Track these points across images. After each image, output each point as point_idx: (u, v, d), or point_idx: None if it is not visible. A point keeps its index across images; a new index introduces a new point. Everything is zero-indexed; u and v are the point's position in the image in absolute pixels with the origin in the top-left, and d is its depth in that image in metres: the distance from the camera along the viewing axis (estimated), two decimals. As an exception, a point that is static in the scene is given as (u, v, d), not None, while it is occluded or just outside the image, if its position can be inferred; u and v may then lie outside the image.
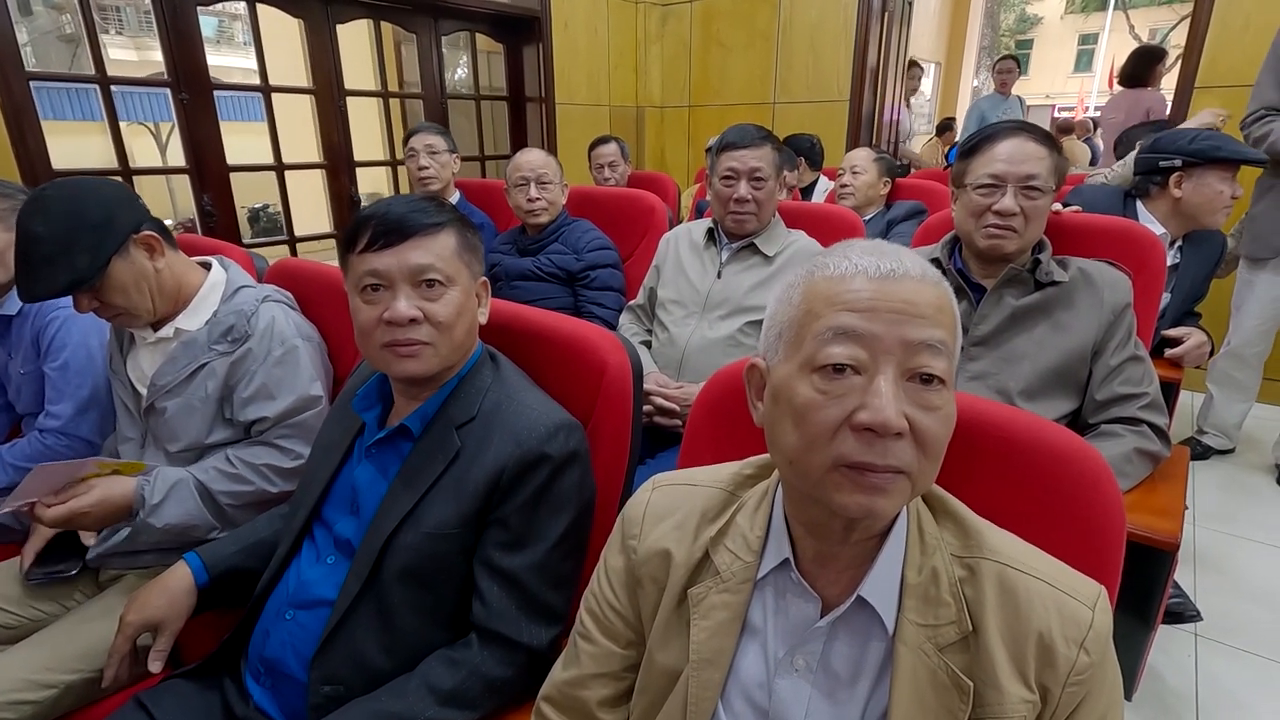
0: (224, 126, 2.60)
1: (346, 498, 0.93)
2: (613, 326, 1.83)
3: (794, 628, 0.62)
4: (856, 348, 0.52)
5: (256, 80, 2.77)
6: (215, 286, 1.17)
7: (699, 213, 2.81)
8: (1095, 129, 6.31)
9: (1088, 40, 22.57)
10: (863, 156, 2.34)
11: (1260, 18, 2.67)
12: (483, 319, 0.92)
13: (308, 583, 0.90)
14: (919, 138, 7.44)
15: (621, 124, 4.23)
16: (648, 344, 1.72)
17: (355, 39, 3.20)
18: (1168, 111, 3.18)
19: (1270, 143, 2.04)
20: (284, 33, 2.97)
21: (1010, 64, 4.80)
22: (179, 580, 0.95)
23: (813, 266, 0.58)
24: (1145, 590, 1.02)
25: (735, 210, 1.56)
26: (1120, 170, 1.94)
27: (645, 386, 1.55)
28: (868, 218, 2.31)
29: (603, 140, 2.94)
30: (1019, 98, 4.53)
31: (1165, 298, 1.75)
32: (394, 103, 3.60)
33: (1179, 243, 1.77)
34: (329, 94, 2.97)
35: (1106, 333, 1.20)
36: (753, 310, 1.55)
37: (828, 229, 1.70)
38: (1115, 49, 19.36)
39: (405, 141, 2.27)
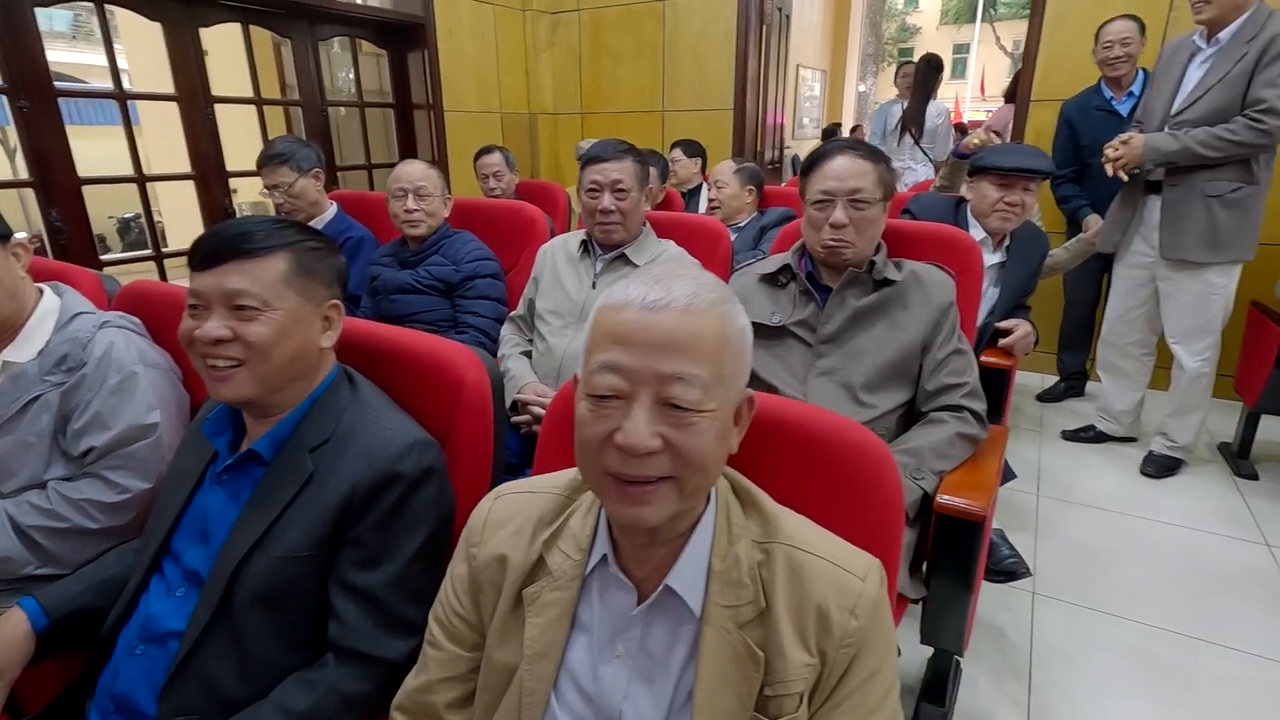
0: (84, 131, 2.44)
1: (198, 526, 0.91)
2: (488, 334, 1.86)
3: (615, 617, 0.67)
4: (618, 379, 0.59)
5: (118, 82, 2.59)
6: (47, 315, 1.11)
7: None
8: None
9: (961, 49, 24.31)
10: (725, 170, 2.45)
11: (1080, 41, 2.99)
12: (326, 342, 0.92)
13: (157, 616, 0.88)
14: (807, 141, 7.82)
15: (515, 131, 4.23)
16: (528, 354, 1.75)
17: (235, 42, 3.04)
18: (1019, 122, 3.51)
19: (1070, 208, 2.59)
20: (151, 30, 2.78)
21: (910, 69, 5.02)
22: (12, 627, 0.91)
23: (608, 293, 0.64)
24: (963, 558, 1.15)
25: (602, 221, 1.62)
26: (939, 181, 2.15)
27: (523, 396, 1.59)
28: (741, 224, 2.43)
29: (486, 150, 2.94)
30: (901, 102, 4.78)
31: (995, 293, 1.96)
32: (278, 110, 3.45)
33: (1007, 243, 1.97)
34: (195, 100, 2.82)
35: (934, 329, 1.33)
36: (626, 318, 1.61)
37: (696, 238, 1.79)
38: (985, 58, 20.99)
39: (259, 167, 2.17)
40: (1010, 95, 3.88)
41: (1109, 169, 2.23)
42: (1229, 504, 2.28)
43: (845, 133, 7.95)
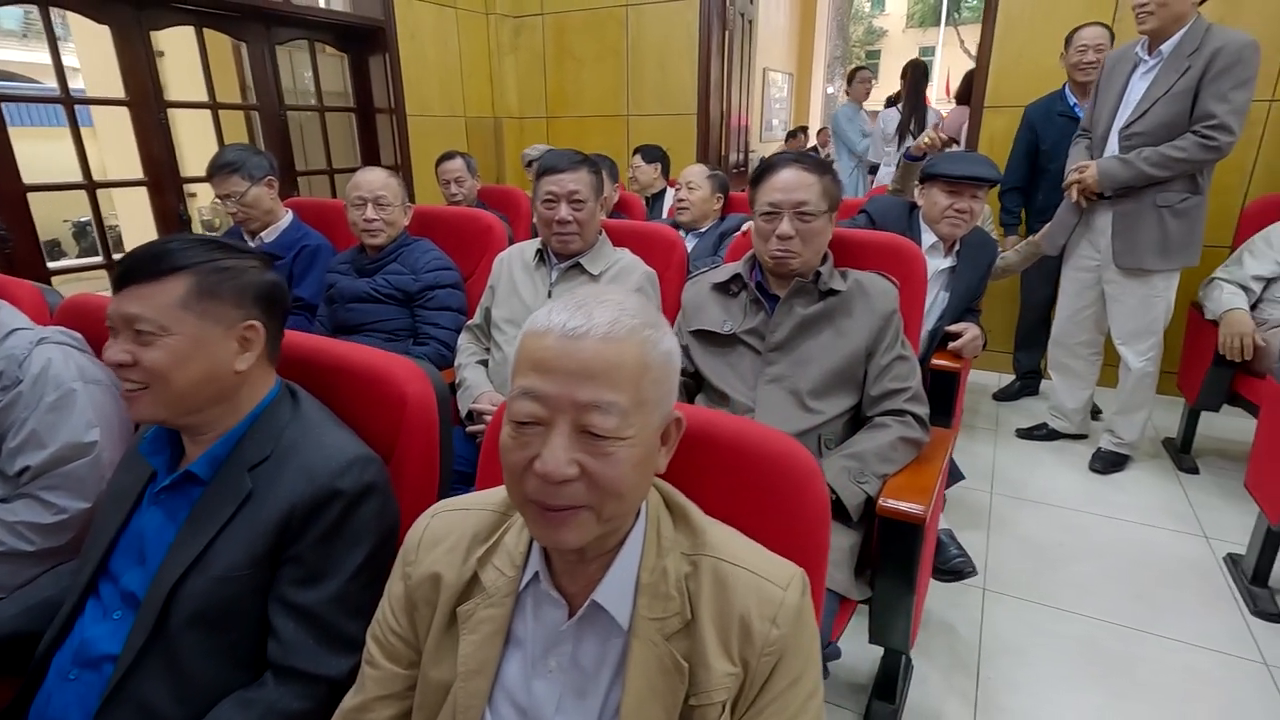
0: (36, 133, 2.38)
1: (135, 547, 0.90)
2: (450, 346, 1.85)
3: (548, 633, 0.69)
4: (537, 406, 0.60)
5: (72, 82, 2.53)
6: (-20, 333, 1.09)
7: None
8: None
9: (926, 52, 24.73)
10: (697, 173, 2.48)
11: (1030, 48, 3.09)
12: (242, 365, 0.88)
13: (92, 640, 0.87)
14: (775, 143, 7.90)
15: (479, 135, 4.22)
16: (485, 363, 1.75)
17: (194, 45, 2.98)
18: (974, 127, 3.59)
19: (1007, 219, 2.77)
20: (103, 31, 2.71)
21: (866, 74, 5.08)
22: (-58, 653, 0.89)
23: (532, 318, 0.65)
24: (905, 560, 1.18)
25: (559, 231, 1.63)
26: (892, 184, 2.21)
27: (479, 406, 1.60)
28: (703, 230, 2.46)
29: (448, 156, 2.92)
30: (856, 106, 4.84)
31: (946, 297, 2.01)
32: (238, 115, 3.39)
33: (957, 248, 2.02)
34: (147, 105, 2.77)
35: (878, 336, 1.37)
36: (581, 326, 1.62)
37: (651, 246, 1.81)
38: (950, 61, 21.41)
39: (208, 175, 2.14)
40: (962, 97, 3.97)
41: (1072, 194, 2.31)
42: (1171, 498, 2.36)
43: (813, 134, 8.03)
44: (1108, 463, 2.52)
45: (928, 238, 1.99)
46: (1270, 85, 2.75)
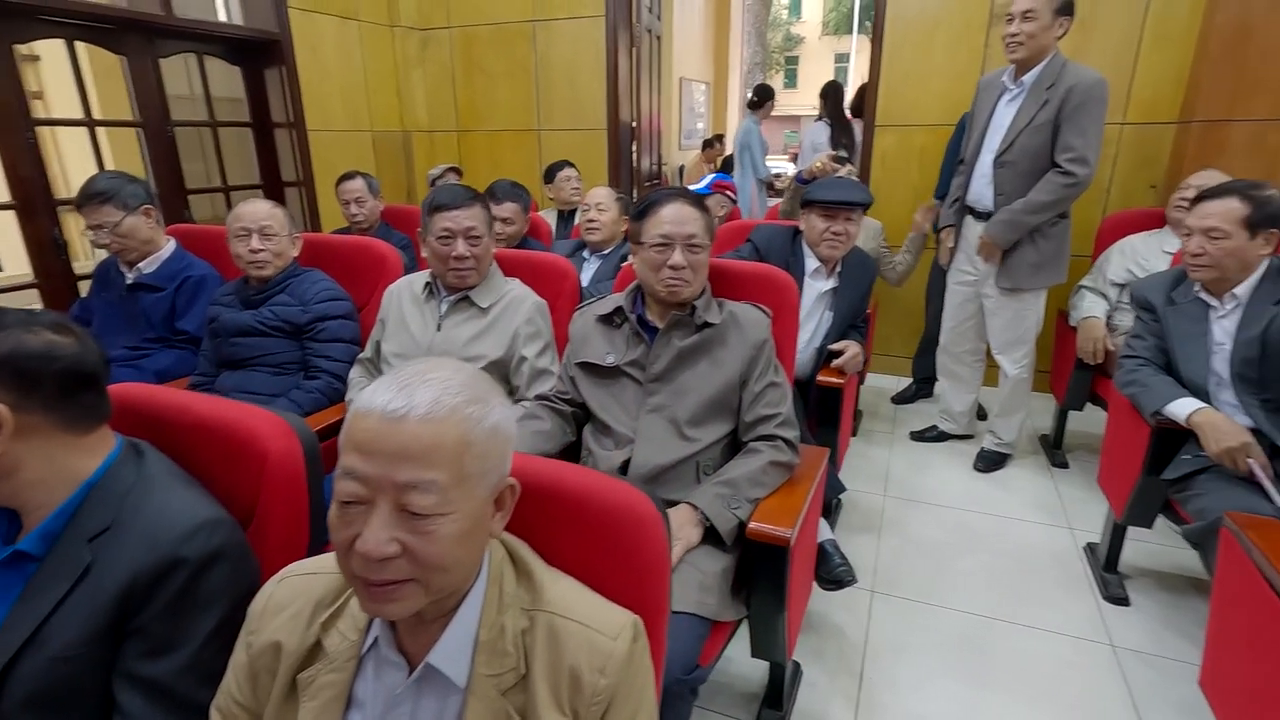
0: None
1: (-32, 627, 0.87)
2: (343, 379, 1.83)
3: (388, 694, 0.71)
4: (358, 486, 0.62)
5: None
6: None
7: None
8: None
9: (842, 59, 25.70)
10: (604, 194, 2.52)
11: (915, 68, 3.27)
12: None
13: (-81, 728, 0.83)
14: (694, 152, 8.04)
15: (388, 149, 4.13)
16: (377, 396, 1.74)
17: (81, 59, 2.80)
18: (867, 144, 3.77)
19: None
20: None
21: (764, 90, 5.15)
22: None
23: (360, 396, 0.66)
24: (774, 579, 1.25)
25: (455, 267, 1.64)
26: (784, 206, 2.32)
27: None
28: (606, 252, 2.50)
29: (347, 176, 2.86)
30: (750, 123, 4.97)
31: (830, 316, 2.12)
32: (128, 132, 3.19)
33: (838, 270, 2.14)
34: (12, 123, 2.59)
35: (750, 365, 1.44)
36: (472, 360, 1.63)
37: (543, 275, 1.83)
38: (863, 68, 22.36)
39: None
40: (855, 110, 4.17)
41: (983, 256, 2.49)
42: (1044, 492, 2.56)
43: (729, 144, 8.22)
44: (990, 462, 2.71)
45: (810, 262, 2.10)
46: (1121, 109, 3.01)
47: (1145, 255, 2.52)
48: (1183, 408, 1.67)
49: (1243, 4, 2.59)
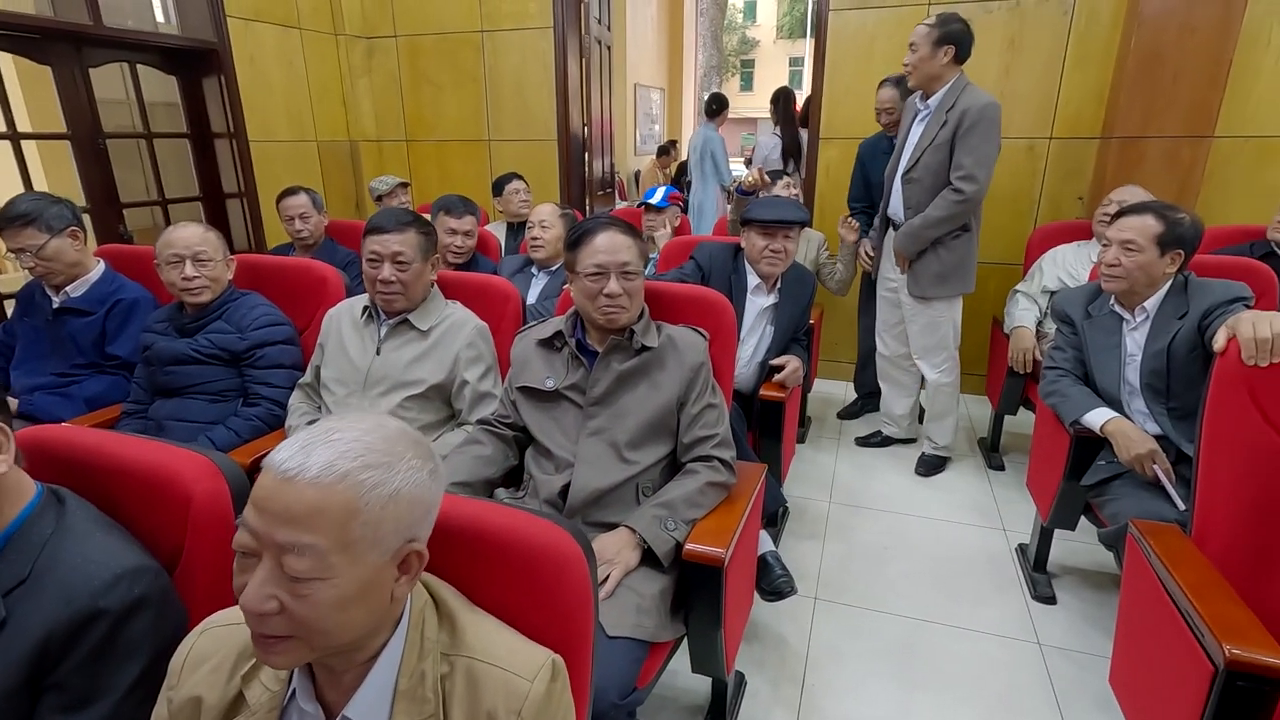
0: None
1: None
2: (283, 405, 1.81)
3: (308, 746, 0.72)
4: (249, 539, 0.64)
5: None
6: None
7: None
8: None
9: (797, 62, 26.13)
10: (549, 211, 2.53)
11: (855, 83, 3.36)
12: None
13: None
14: (649, 157, 8.09)
15: (334, 160, 4.07)
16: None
17: (8, 69, 2.68)
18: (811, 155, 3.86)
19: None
20: None
21: (717, 99, 5.24)
22: None
23: (275, 449, 0.67)
24: (710, 598, 1.29)
25: (382, 291, 1.63)
26: (731, 216, 2.38)
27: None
28: (554, 268, 2.52)
29: (290, 192, 2.81)
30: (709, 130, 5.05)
31: (771, 331, 2.18)
32: (60, 145, 3.07)
33: (779, 285, 2.20)
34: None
35: (688, 387, 1.47)
36: (412, 385, 1.64)
37: (486, 298, 1.84)
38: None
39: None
40: (803, 120, 4.27)
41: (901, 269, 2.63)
42: (981, 495, 2.66)
43: (684, 150, 8.29)
44: (930, 466, 2.81)
45: (752, 278, 2.15)
46: (1049, 125, 3.16)
47: (1074, 265, 2.65)
48: (1098, 417, 1.76)
49: (1155, 29, 2.75)
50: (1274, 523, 1.22)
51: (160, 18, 3.57)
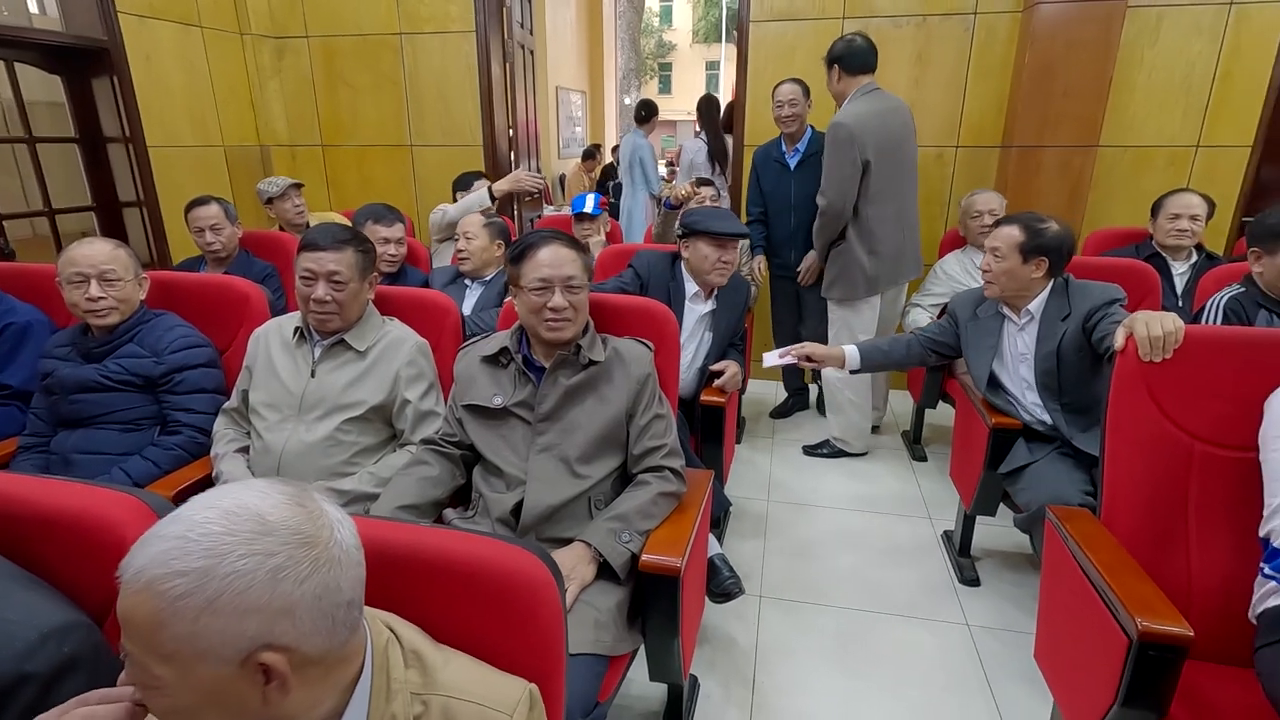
0: None
1: None
2: (206, 432, 1.70)
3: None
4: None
5: None
6: None
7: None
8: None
9: (713, 66, 26.61)
10: (473, 222, 2.48)
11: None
12: None
13: None
14: (574, 159, 8.07)
15: (243, 165, 3.85)
16: (247, 449, 1.64)
17: None
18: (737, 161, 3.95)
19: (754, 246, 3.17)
20: None
21: (642, 108, 5.28)
22: None
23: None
24: (666, 607, 1.30)
25: (315, 310, 1.57)
26: (656, 229, 2.43)
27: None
28: (488, 278, 2.48)
29: (200, 201, 2.64)
30: (638, 138, 5.11)
31: (710, 337, 2.22)
32: None
33: (716, 293, 2.25)
34: None
35: (636, 399, 1.49)
36: (351, 407, 1.58)
37: (424, 313, 1.79)
38: (732, 75, 23.30)
39: None
40: (725, 126, 4.36)
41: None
42: (907, 486, 2.81)
43: (608, 153, 8.31)
44: (832, 453, 3.03)
45: (690, 286, 2.19)
46: (955, 134, 3.36)
47: (957, 272, 2.87)
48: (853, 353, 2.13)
49: (1046, 46, 2.97)
50: (1174, 505, 1.35)
51: (35, 8, 3.28)
